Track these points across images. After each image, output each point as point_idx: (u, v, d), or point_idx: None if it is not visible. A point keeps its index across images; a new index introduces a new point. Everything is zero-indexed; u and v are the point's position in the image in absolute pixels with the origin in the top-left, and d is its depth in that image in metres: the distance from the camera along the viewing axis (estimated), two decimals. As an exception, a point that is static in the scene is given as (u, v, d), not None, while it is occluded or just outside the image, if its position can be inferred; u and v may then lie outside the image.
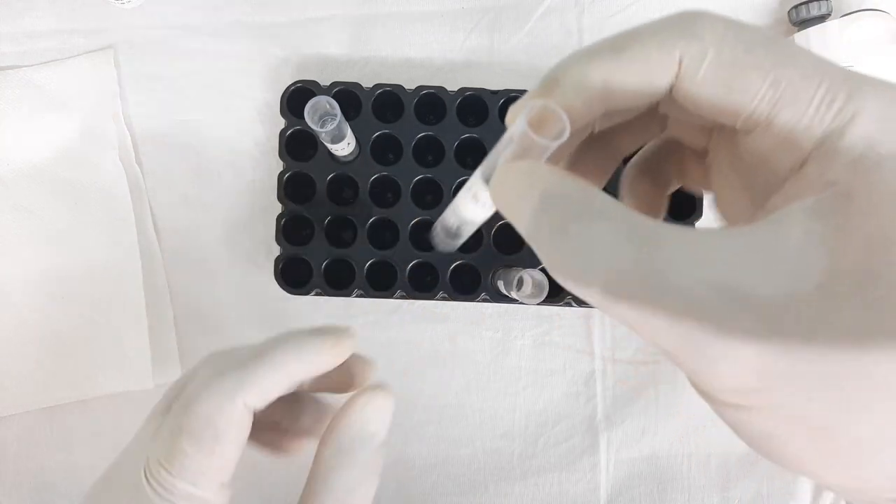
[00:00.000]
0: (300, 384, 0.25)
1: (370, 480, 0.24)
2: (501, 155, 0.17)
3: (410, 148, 0.44)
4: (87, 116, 0.46)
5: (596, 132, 0.20)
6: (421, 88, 0.44)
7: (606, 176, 0.22)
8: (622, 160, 0.22)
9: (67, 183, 0.46)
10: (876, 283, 0.13)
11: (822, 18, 0.45)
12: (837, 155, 0.14)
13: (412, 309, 0.47)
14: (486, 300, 0.43)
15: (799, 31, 0.45)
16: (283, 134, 0.44)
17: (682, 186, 0.23)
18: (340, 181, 0.44)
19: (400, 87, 0.44)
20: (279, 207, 0.44)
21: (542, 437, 0.46)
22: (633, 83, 0.16)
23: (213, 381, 0.23)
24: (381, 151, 0.45)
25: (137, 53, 0.48)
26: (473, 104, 0.44)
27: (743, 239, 0.14)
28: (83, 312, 0.45)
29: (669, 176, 0.22)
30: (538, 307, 0.46)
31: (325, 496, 0.23)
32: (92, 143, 0.46)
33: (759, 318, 0.13)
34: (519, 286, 0.37)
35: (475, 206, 0.20)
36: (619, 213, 0.14)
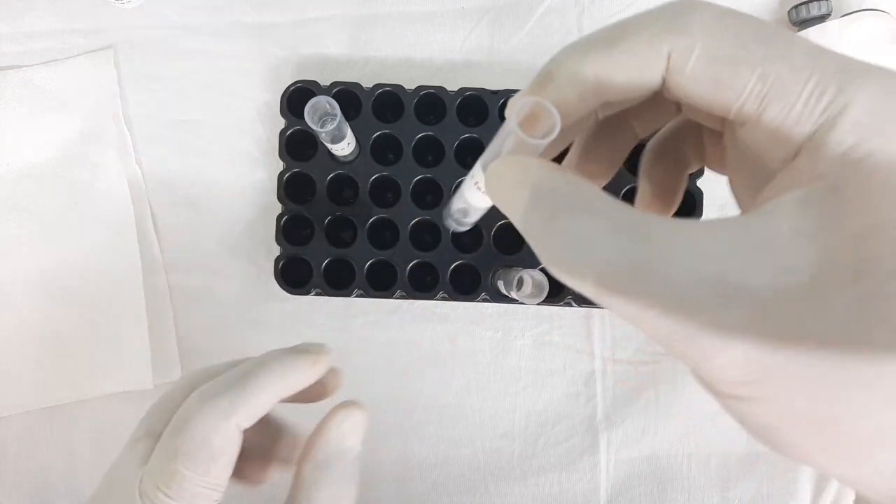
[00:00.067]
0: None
1: (350, 492, 0.25)
2: (500, 146, 0.17)
3: (410, 148, 0.44)
4: (87, 116, 0.46)
5: (601, 119, 0.20)
6: (421, 88, 0.44)
7: (620, 159, 0.22)
8: (637, 142, 0.22)
9: (67, 183, 0.46)
10: (865, 276, 0.13)
11: (822, 18, 0.45)
12: (827, 148, 0.14)
13: (412, 309, 0.47)
14: (486, 300, 0.43)
15: (799, 31, 0.45)
16: (283, 134, 0.44)
17: (702, 167, 0.22)
18: (340, 181, 0.44)
19: (400, 87, 0.44)
20: (279, 207, 0.44)
21: (542, 437, 0.46)
22: (624, 77, 0.16)
23: (205, 404, 0.23)
24: (381, 151, 0.45)
25: (137, 53, 0.48)
26: (473, 104, 0.44)
27: (732, 231, 0.14)
28: (83, 312, 0.45)
29: (689, 155, 0.22)
30: (538, 307, 0.46)
31: None
32: (92, 143, 0.46)
33: (749, 311, 0.13)
34: (519, 286, 0.37)
35: (478, 193, 0.20)
36: (606, 206, 0.14)
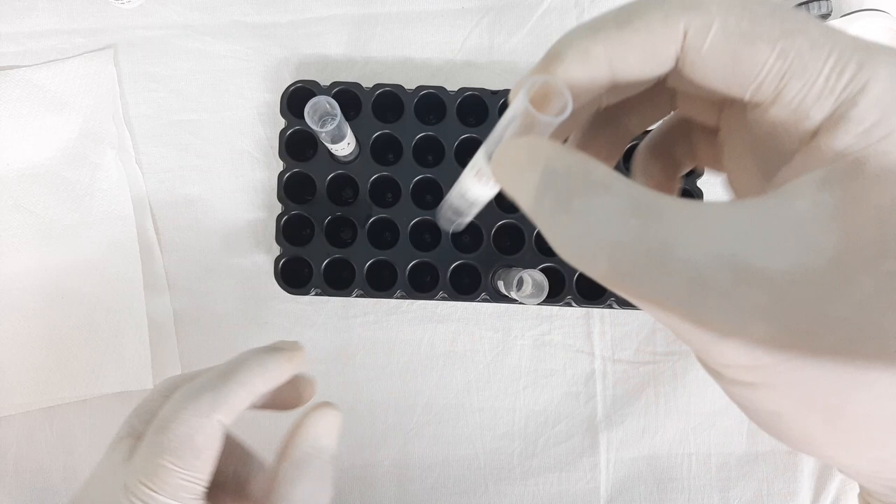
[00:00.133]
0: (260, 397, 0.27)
1: (325, 490, 0.26)
2: (505, 132, 0.16)
3: (410, 148, 0.44)
4: (87, 116, 0.46)
5: (603, 109, 0.20)
6: (421, 88, 0.44)
7: (616, 156, 0.21)
8: (631, 140, 0.21)
9: (67, 183, 0.46)
10: (888, 255, 0.12)
11: (822, 18, 0.45)
12: (848, 125, 0.14)
13: (412, 309, 0.47)
14: (486, 300, 0.43)
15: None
16: (283, 134, 0.44)
17: (695, 167, 0.22)
18: (340, 181, 0.44)
19: (400, 87, 0.44)
20: (279, 207, 0.44)
21: (542, 437, 0.46)
22: (637, 56, 0.16)
23: (188, 402, 0.24)
24: (381, 151, 0.45)
25: (137, 53, 0.48)
26: (473, 104, 0.44)
27: (750, 211, 0.13)
28: (83, 312, 0.45)
29: (681, 156, 0.22)
30: (538, 307, 0.46)
31: None
32: (92, 143, 0.46)
33: (768, 292, 0.12)
34: (519, 286, 0.37)
35: (479, 184, 0.19)
36: (621, 186, 0.14)
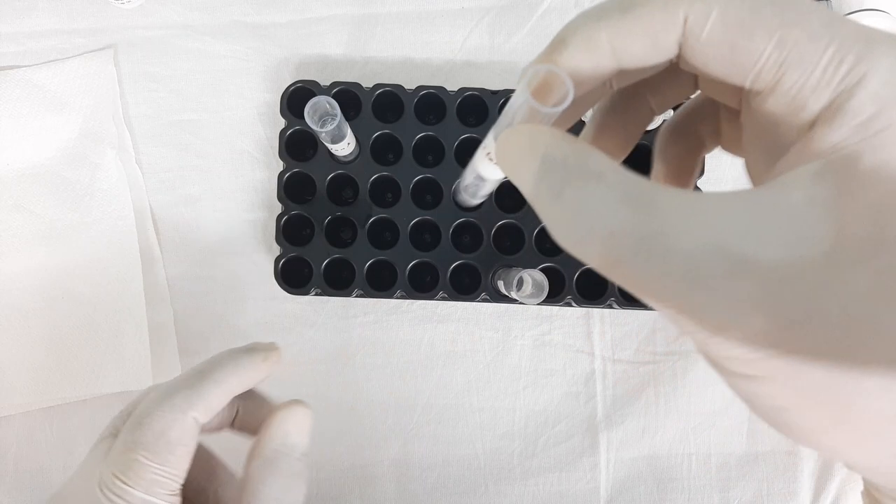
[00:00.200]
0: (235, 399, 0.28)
1: (297, 488, 0.26)
2: (514, 116, 0.17)
3: (410, 148, 0.44)
4: (87, 116, 0.46)
5: (616, 90, 0.19)
6: (421, 88, 0.44)
7: (636, 137, 0.21)
8: (654, 119, 0.21)
9: (67, 183, 0.46)
10: (884, 249, 0.12)
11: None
12: (844, 117, 0.14)
13: (412, 309, 0.47)
14: (486, 300, 0.43)
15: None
16: (283, 134, 0.44)
17: (716, 148, 0.22)
18: (340, 181, 0.44)
19: (400, 87, 0.44)
20: (279, 207, 0.44)
21: (542, 437, 0.46)
22: (639, 44, 0.16)
23: (164, 399, 0.25)
24: (381, 151, 0.45)
25: (137, 53, 0.48)
26: (473, 104, 0.44)
27: (745, 202, 0.13)
28: (83, 312, 0.45)
29: (706, 135, 0.22)
30: (538, 307, 0.46)
31: None
32: (92, 143, 0.46)
33: (761, 284, 0.12)
34: (519, 286, 0.37)
35: (490, 164, 0.19)
36: (616, 175, 0.14)
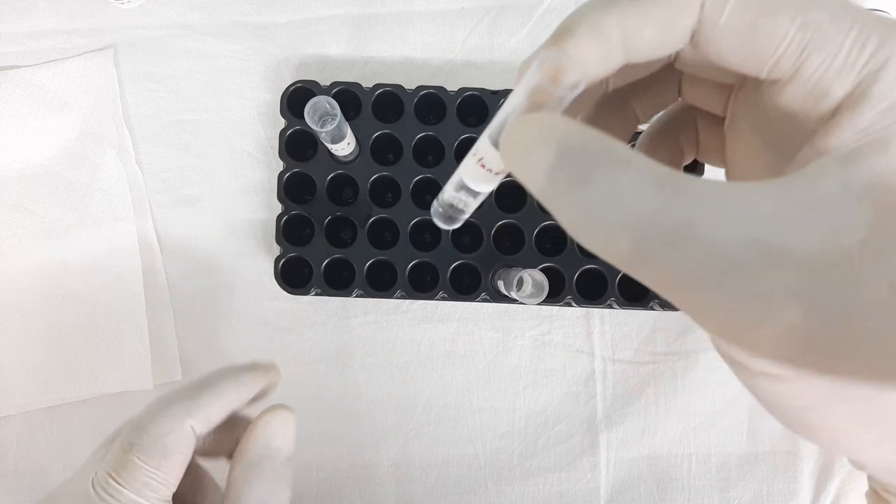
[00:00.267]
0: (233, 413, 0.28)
1: (281, 492, 0.26)
2: (511, 114, 0.16)
3: (410, 148, 0.44)
4: (87, 116, 0.46)
5: (610, 92, 0.19)
6: (421, 88, 0.44)
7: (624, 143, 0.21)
8: (637, 127, 0.21)
9: (67, 183, 0.46)
10: None
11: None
12: (871, 101, 0.13)
13: (412, 309, 0.47)
14: (486, 300, 0.43)
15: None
16: (283, 134, 0.44)
17: (695, 159, 0.22)
18: (340, 181, 0.44)
19: (400, 87, 0.44)
20: (279, 207, 0.44)
21: (542, 437, 0.46)
22: (652, 30, 0.15)
23: (163, 406, 0.25)
24: (381, 151, 0.45)
25: (137, 53, 0.48)
26: (473, 104, 0.44)
27: (775, 192, 0.13)
28: (83, 312, 0.45)
29: (685, 145, 0.22)
30: (538, 307, 0.46)
31: None
32: (92, 143, 0.46)
33: (799, 275, 0.12)
34: (519, 286, 0.37)
35: (481, 173, 0.18)
36: (643, 162, 0.13)
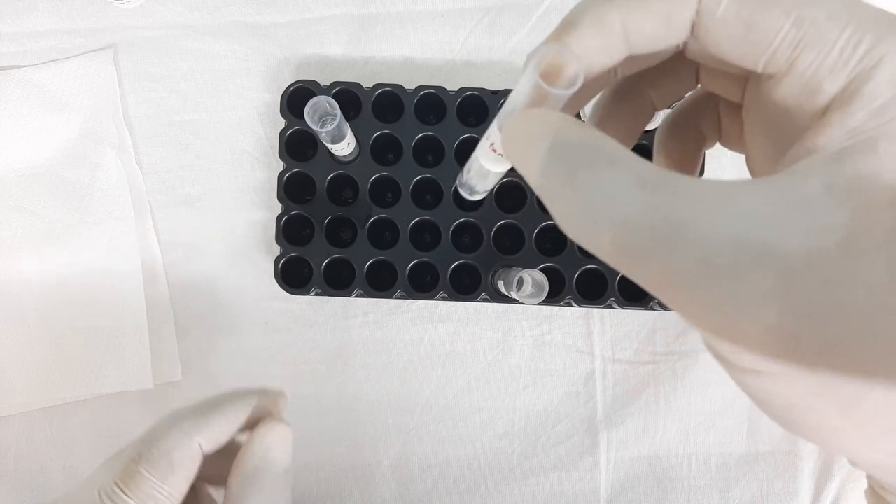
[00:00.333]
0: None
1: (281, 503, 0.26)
2: (518, 103, 0.16)
3: (410, 148, 0.44)
4: (87, 116, 0.46)
5: (625, 81, 0.19)
6: (421, 88, 0.44)
7: (639, 131, 0.21)
8: (654, 114, 0.21)
9: (67, 183, 0.46)
10: None
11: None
12: (861, 100, 0.13)
13: (412, 309, 0.47)
14: (486, 300, 0.43)
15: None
16: (283, 134, 0.44)
17: (718, 142, 0.22)
18: (340, 181, 0.44)
19: (400, 87, 0.44)
20: (279, 207, 0.44)
21: (542, 437, 0.46)
22: (652, 23, 0.15)
23: (174, 422, 0.26)
24: (381, 151, 0.45)
25: (137, 53, 0.48)
26: (473, 104, 0.44)
27: (760, 190, 0.13)
28: (83, 312, 0.45)
29: (707, 130, 0.21)
30: (538, 307, 0.46)
31: None
32: (92, 143, 0.46)
33: (779, 275, 0.12)
34: (519, 286, 0.37)
35: (493, 156, 0.19)
36: (630, 161, 0.13)
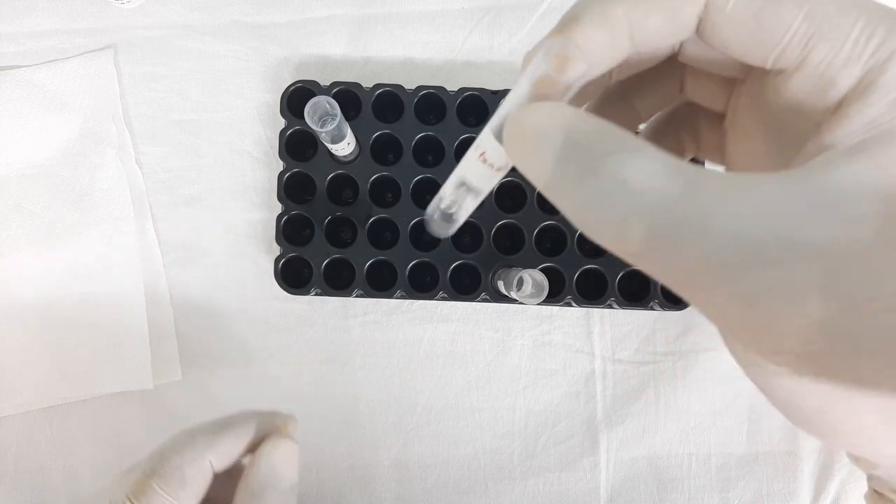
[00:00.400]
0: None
1: None
2: (515, 104, 0.15)
3: (410, 148, 0.44)
4: (87, 116, 0.46)
5: (613, 88, 0.19)
6: (421, 88, 0.44)
7: None
8: (640, 125, 0.21)
9: (67, 183, 0.46)
10: None
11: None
12: (878, 92, 0.13)
13: (412, 309, 0.47)
14: (486, 300, 0.43)
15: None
16: (283, 134, 0.44)
17: (695, 156, 0.22)
18: (340, 181, 0.44)
19: (400, 87, 0.44)
20: (279, 207, 0.44)
21: (542, 437, 0.46)
22: (658, 18, 0.15)
23: (187, 439, 0.26)
24: (381, 151, 0.45)
25: (137, 53, 0.48)
26: (473, 104, 0.44)
27: (789, 184, 0.12)
28: (83, 312, 0.45)
29: (686, 141, 0.21)
30: (538, 307, 0.46)
31: None
32: (92, 143, 0.46)
33: (821, 267, 0.11)
34: (519, 286, 0.37)
35: (483, 168, 0.18)
36: (655, 150, 0.13)
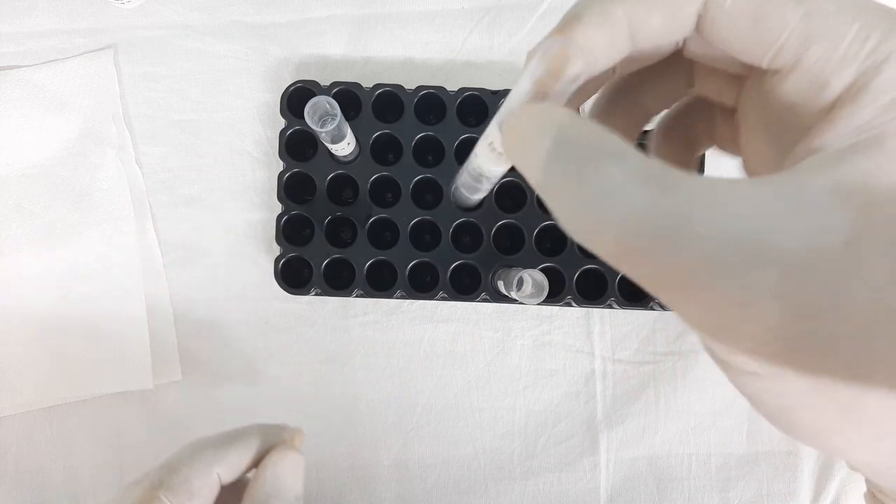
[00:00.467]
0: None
1: None
2: (516, 100, 0.16)
3: (410, 148, 0.44)
4: (87, 116, 0.46)
5: (620, 85, 0.19)
6: (421, 88, 0.44)
7: (636, 132, 0.21)
8: (649, 120, 0.21)
9: (67, 183, 0.46)
10: None
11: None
12: (869, 97, 0.13)
13: (412, 309, 0.47)
14: (486, 300, 0.43)
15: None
16: (283, 134, 0.44)
17: (711, 147, 0.22)
18: (340, 181, 0.44)
19: (400, 87, 0.44)
20: (279, 207, 0.44)
21: (542, 437, 0.46)
22: (658, 16, 0.15)
23: (195, 450, 0.27)
24: (381, 151, 0.45)
25: (137, 53, 0.48)
26: (473, 104, 0.44)
27: (766, 189, 0.13)
28: (83, 312, 0.45)
29: (700, 134, 0.21)
30: (538, 307, 0.46)
31: None
32: (92, 143, 0.46)
33: (781, 274, 0.12)
34: (519, 286, 0.37)
35: (492, 156, 0.19)
36: (635, 157, 0.13)
